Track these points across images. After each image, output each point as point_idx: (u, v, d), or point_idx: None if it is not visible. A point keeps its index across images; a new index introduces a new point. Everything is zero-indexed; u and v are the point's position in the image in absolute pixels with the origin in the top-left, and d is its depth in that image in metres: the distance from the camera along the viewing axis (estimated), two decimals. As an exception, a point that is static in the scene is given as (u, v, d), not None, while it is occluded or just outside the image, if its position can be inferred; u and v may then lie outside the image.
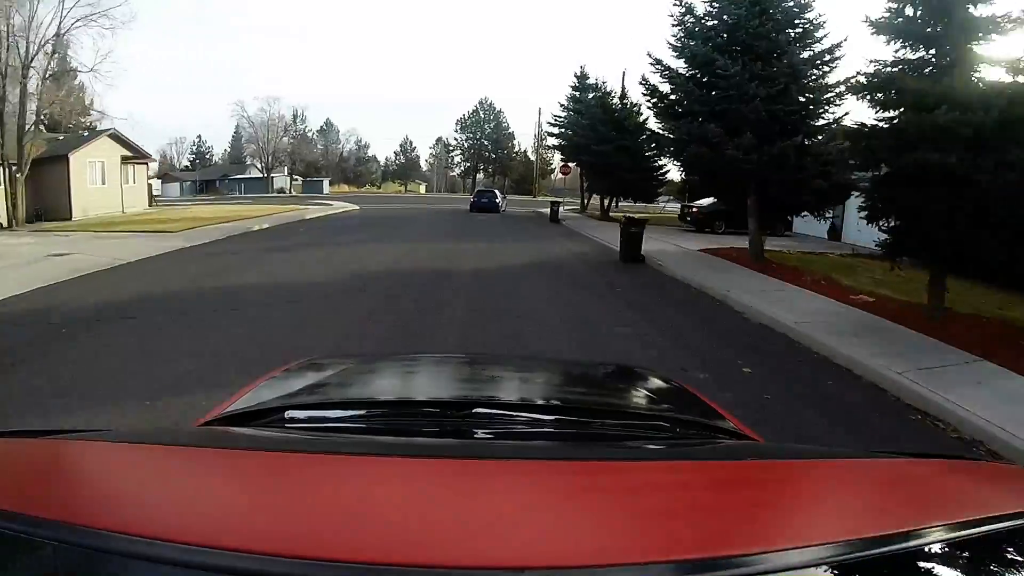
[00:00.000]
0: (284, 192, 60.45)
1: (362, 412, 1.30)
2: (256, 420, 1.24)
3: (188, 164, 78.19)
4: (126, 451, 0.93)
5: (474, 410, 1.24)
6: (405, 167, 71.05)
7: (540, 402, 1.52)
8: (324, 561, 0.53)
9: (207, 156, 79.82)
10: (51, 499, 0.68)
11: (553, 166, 67.94)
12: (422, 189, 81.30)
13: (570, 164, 32.24)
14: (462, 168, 66.36)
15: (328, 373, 1.72)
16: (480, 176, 66.59)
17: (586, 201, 30.77)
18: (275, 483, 0.80)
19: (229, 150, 75.75)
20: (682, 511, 0.73)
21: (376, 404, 1.42)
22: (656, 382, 1.87)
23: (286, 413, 1.24)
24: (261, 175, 64.50)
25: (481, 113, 63.96)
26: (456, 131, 64.81)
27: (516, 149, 64.77)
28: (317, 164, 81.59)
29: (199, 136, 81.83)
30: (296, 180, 66.61)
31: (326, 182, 67.78)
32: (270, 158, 63.46)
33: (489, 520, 0.66)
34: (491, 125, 63.41)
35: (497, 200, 31.85)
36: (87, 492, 0.75)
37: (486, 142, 63.69)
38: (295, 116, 66.36)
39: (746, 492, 0.83)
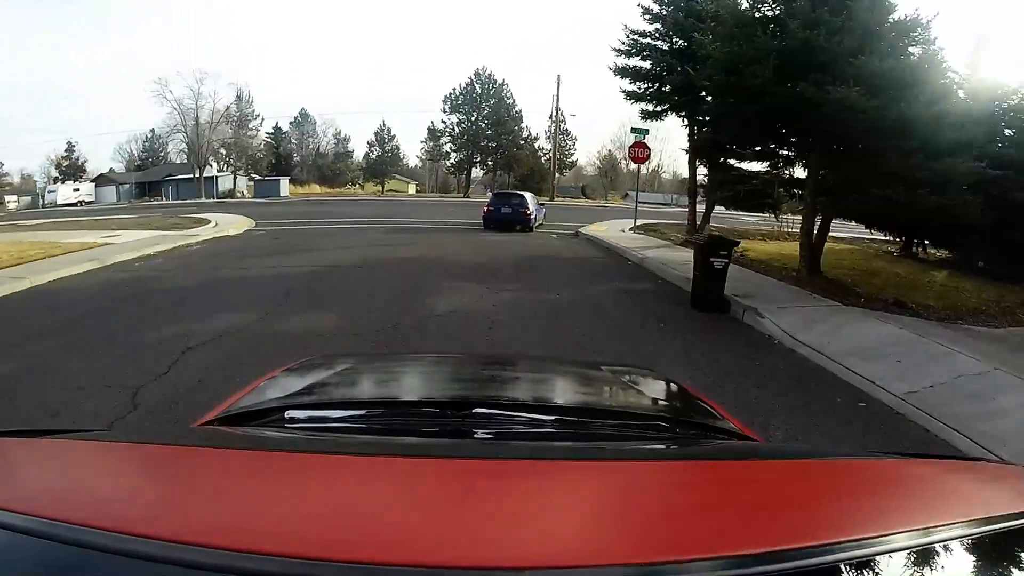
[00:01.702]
0: (231, 196, 45.68)
1: (362, 412, 1.26)
2: (256, 420, 1.21)
3: (140, 163, 63.08)
4: (126, 451, 0.92)
5: (474, 410, 1.21)
6: (383, 162, 54.60)
7: (540, 402, 1.48)
8: (324, 561, 0.52)
9: (160, 153, 64.63)
10: (51, 499, 0.67)
11: (574, 157, 51.90)
12: (411, 189, 66.02)
13: (646, 143, 16.37)
14: (453, 161, 49.49)
15: (328, 373, 1.66)
16: (477, 172, 49.96)
17: (696, 217, 14.68)
18: (275, 483, 0.77)
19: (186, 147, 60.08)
20: (682, 511, 0.72)
21: (376, 404, 1.38)
22: (656, 382, 1.84)
23: (286, 413, 1.21)
24: (212, 175, 49.69)
25: (477, 87, 46.73)
26: (445, 111, 47.72)
27: (525, 134, 47.68)
28: (290, 160, 67.61)
29: (152, 131, 65.65)
30: (255, 179, 51.52)
31: (283, 182, 52.20)
32: (203, 152, 47.66)
33: (489, 520, 0.65)
34: (490, 103, 46.35)
35: (528, 211, 16.76)
36: (87, 492, 0.73)
37: (484, 124, 46.49)
38: (239, 97, 50.13)
39: (746, 492, 0.81)
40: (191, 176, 49.18)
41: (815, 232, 9.09)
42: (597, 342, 5.74)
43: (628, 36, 13.14)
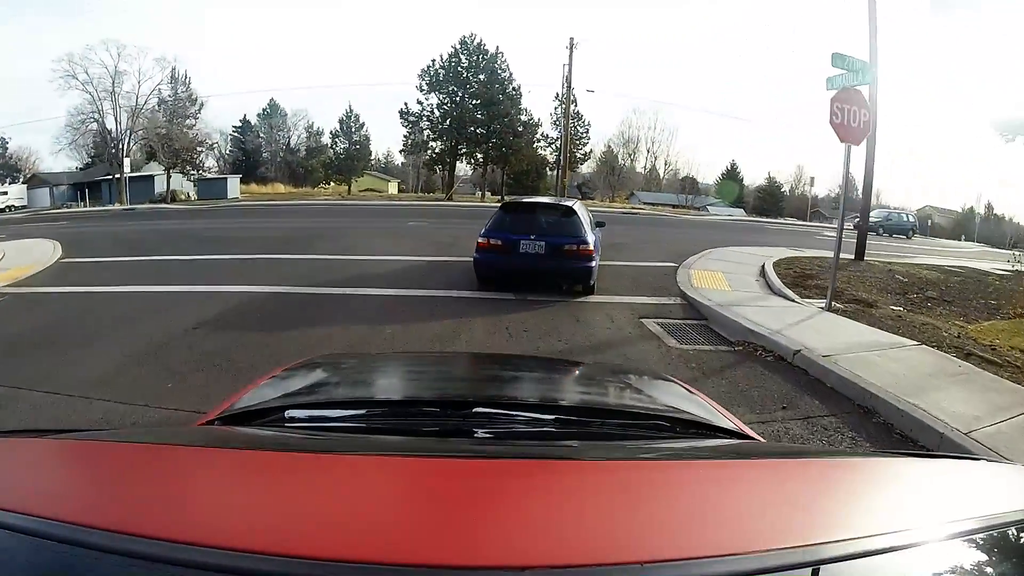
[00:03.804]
0: (166, 199, 36.21)
1: (362, 411, 1.22)
2: (257, 419, 1.17)
3: (89, 161, 52.36)
4: (126, 451, 0.89)
5: (474, 410, 1.18)
6: (350, 156, 43.92)
7: (540, 402, 1.46)
8: (324, 561, 0.51)
9: (111, 149, 53.99)
10: (51, 499, 0.66)
11: (588, 147, 40.94)
12: (392, 188, 55.98)
13: (861, 92, 6.55)
14: (434, 151, 38.39)
15: (328, 372, 1.64)
16: (465, 169, 39.31)
17: None
18: (275, 482, 0.75)
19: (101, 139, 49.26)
20: (682, 511, 0.71)
21: (376, 403, 1.35)
22: (656, 382, 1.81)
23: (286, 412, 1.17)
24: (159, 173, 39.93)
25: (463, 59, 35.72)
26: (422, 88, 36.51)
27: (525, 118, 36.32)
28: (259, 156, 57.93)
29: (109, 125, 54.67)
30: (195, 178, 41.41)
31: (231, 181, 42.28)
32: (123, 145, 37.34)
33: (489, 520, 0.64)
34: (480, 78, 35.41)
35: (588, 247, 6.49)
36: (87, 492, 0.72)
37: (474, 104, 35.47)
38: (173, 76, 39.45)
39: (746, 492, 0.79)
40: (137, 175, 39.27)
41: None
42: None
43: None
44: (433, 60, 36.03)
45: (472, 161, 38.26)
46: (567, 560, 0.53)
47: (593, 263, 6.56)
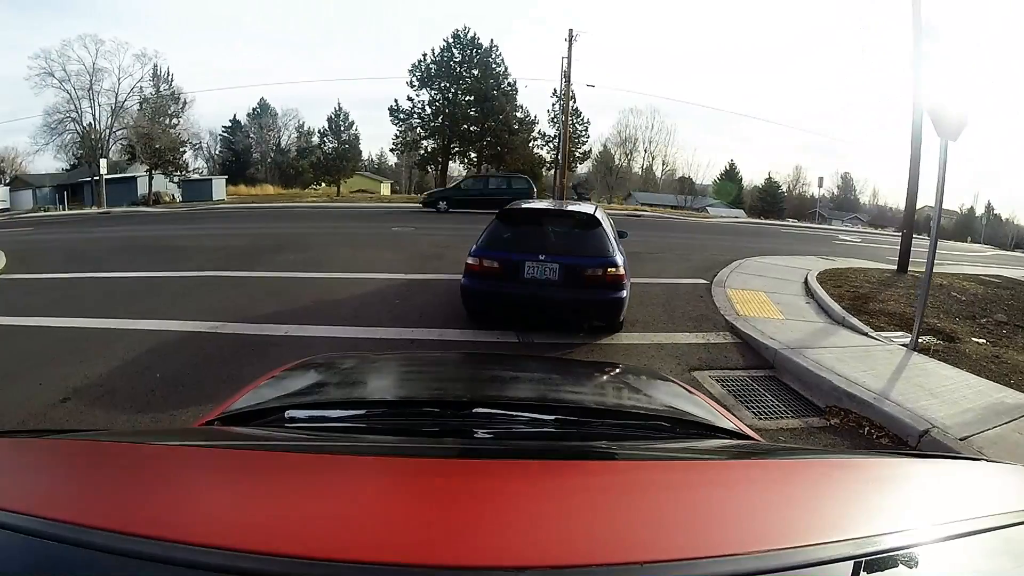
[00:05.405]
0: (149, 201, 34.58)
1: (362, 412, 1.20)
2: (257, 419, 1.16)
3: (76, 162, 50.09)
4: (126, 451, 0.88)
5: (474, 410, 1.17)
6: (339, 156, 42.03)
7: (540, 402, 1.42)
8: (324, 561, 0.51)
9: (99, 149, 51.85)
10: (51, 499, 0.66)
11: (587, 145, 39.09)
12: (385, 189, 54.20)
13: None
14: (426, 150, 36.53)
15: (328, 373, 1.63)
16: (456, 166, 37.56)
17: None
18: (275, 482, 0.74)
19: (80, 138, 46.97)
20: (682, 511, 0.70)
21: (376, 404, 1.33)
22: (656, 382, 1.79)
23: (286, 413, 1.15)
24: (142, 175, 38.10)
25: (456, 53, 33.86)
26: (413, 84, 34.61)
27: (521, 115, 34.52)
28: (249, 156, 56.13)
29: (89, 124, 52.18)
30: (178, 179, 39.54)
31: (216, 183, 40.32)
32: (102, 144, 35.49)
33: (489, 520, 0.63)
34: (473, 73, 33.57)
35: (618, 271, 4.79)
36: (87, 492, 0.71)
37: (467, 100, 33.67)
38: (155, 73, 37.51)
39: (746, 492, 0.79)
40: (119, 176, 37.39)
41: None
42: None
43: None
44: (424, 54, 34.19)
45: (466, 160, 36.44)
46: (566, 560, 0.52)
47: (624, 292, 4.94)
